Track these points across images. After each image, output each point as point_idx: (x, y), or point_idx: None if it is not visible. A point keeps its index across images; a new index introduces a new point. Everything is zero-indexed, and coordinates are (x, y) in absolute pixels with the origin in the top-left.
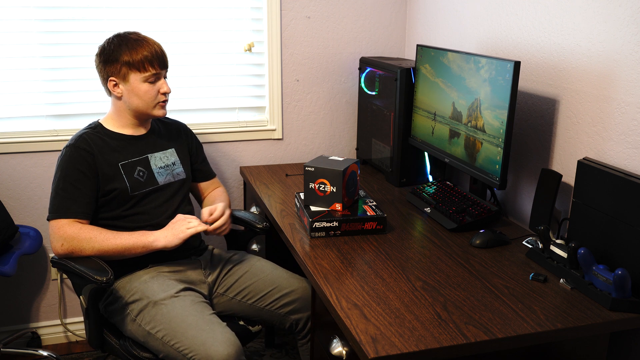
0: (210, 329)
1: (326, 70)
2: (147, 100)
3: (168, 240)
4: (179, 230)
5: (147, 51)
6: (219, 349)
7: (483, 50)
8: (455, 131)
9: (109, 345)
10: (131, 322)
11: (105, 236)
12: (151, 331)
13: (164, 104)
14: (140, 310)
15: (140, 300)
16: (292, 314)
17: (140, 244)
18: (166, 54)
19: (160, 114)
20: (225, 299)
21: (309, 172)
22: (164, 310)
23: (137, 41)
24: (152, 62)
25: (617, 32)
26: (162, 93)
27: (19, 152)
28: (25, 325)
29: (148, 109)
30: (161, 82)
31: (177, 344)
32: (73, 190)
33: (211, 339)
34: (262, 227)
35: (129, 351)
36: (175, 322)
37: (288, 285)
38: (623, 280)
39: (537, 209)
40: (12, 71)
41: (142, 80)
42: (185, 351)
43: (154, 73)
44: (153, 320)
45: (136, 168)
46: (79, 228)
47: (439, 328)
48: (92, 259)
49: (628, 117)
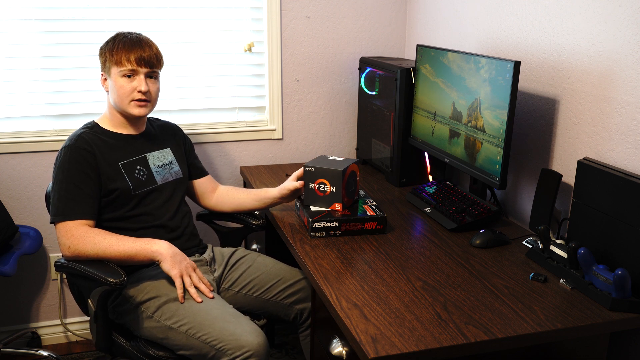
0: (237, 321)
1: (326, 70)
2: (121, 96)
3: (167, 260)
4: (183, 266)
5: (131, 48)
6: (249, 338)
7: (483, 50)
8: (455, 131)
9: (118, 348)
10: (147, 319)
11: (110, 242)
12: (173, 326)
13: (142, 103)
14: (159, 306)
15: (157, 297)
16: (297, 304)
17: (142, 253)
18: (158, 56)
19: (135, 113)
20: (231, 293)
21: (309, 172)
22: (185, 305)
23: (130, 39)
24: (129, 57)
25: (617, 32)
26: (138, 91)
27: (19, 152)
28: (25, 325)
29: (123, 105)
30: (139, 79)
31: (204, 336)
32: (77, 191)
33: (240, 329)
34: (258, 223)
35: (143, 351)
36: (201, 315)
37: (291, 276)
38: (623, 280)
39: (537, 209)
40: (12, 71)
41: (119, 74)
42: (214, 342)
43: (130, 68)
44: (175, 315)
45: (136, 167)
46: (86, 231)
47: (439, 328)
48: (102, 261)
49: (628, 117)
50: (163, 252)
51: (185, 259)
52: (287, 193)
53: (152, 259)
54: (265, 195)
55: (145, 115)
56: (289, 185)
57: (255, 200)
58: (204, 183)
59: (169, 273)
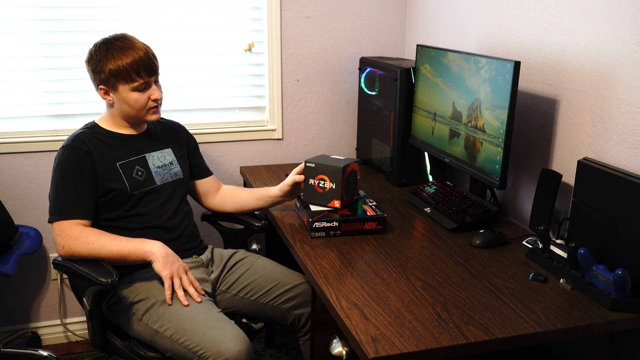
0: (219, 326)
1: (326, 70)
2: (137, 108)
3: (159, 261)
4: (174, 267)
5: (133, 60)
6: (230, 345)
7: (483, 50)
8: (455, 131)
9: (112, 347)
10: (137, 321)
11: (103, 242)
12: (159, 330)
13: (156, 109)
14: (147, 309)
15: (146, 299)
16: (295, 309)
17: (135, 253)
18: (155, 58)
19: (153, 119)
20: (228, 296)
21: (310, 168)
22: (172, 309)
23: (122, 49)
24: (139, 72)
25: (617, 32)
26: (153, 100)
27: (19, 152)
28: (25, 325)
29: (140, 116)
30: (151, 89)
31: (187, 342)
32: (73, 191)
33: (221, 335)
34: (260, 225)
35: (135, 351)
36: (184, 320)
37: (290, 281)
38: (623, 280)
39: (537, 209)
40: (12, 71)
41: (130, 89)
42: (195, 348)
43: (142, 82)
44: (161, 319)
45: (134, 167)
46: (80, 231)
47: (439, 328)
48: (97, 261)
49: (628, 117)
50: (155, 252)
51: (177, 261)
52: (287, 189)
53: (145, 259)
54: (266, 194)
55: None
56: (289, 179)
57: (257, 199)
58: (208, 183)
59: (159, 273)
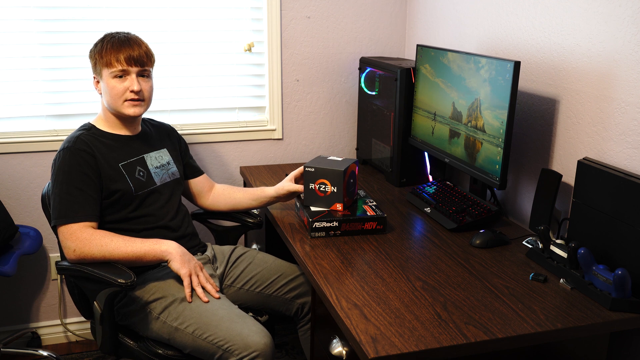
0: (243, 321)
1: (326, 70)
2: (114, 97)
3: (177, 260)
4: (191, 265)
5: (120, 47)
6: (256, 338)
7: (483, 50)
8: (455, 131)
9: (124, 349)
10: (154, 320)
11: (117, 244)
12: (179, 327)
13: (135, 103)
14: (165, 307)
15: (163, 298)
16: (298, 298)
17: (152, 254)
18: (148, 54)
19: (130, 112)
20: (234, 289)
21: (309, 173)
22: (192, 306)
23: (119, 39)
24: (119, 58)
25: (617, 32)
26: (131, 91)
27: (19, 152)
28: (25, 325)
29: (117, 106)
30: (131, 79)
31: (211, 337)
32: (78, 193)
33: (247, 329)
34: (254, 221)
35: (152, 351)
36: (207, 316)
37: (291, 272)
38: (623, 280)
39: (537, 209)
40: (12, 71)
41: (111, 75)
42: (220, 343)
43: (120, 69)
44: (181, 316)
45: (136, 168)
46: (91, 233)
47: (439, 328)
48: (109, 262)
49: (628, 117)
50: (172, 251)
51: (192, 259)
52: (284, 193)
53: (161, 258)
54: (261, 195)
55: (140, 115)
56: (287, 186)
57: (252, 200)
58: (200, 182)
59: (178, 272)
